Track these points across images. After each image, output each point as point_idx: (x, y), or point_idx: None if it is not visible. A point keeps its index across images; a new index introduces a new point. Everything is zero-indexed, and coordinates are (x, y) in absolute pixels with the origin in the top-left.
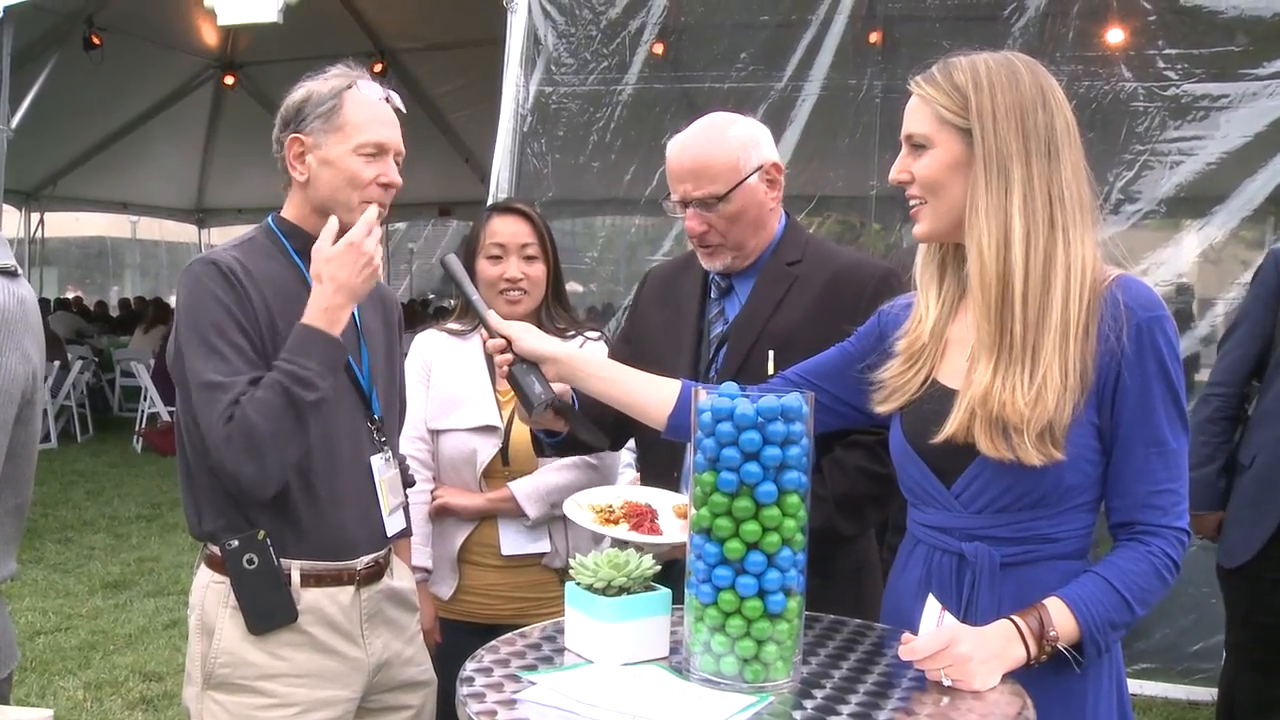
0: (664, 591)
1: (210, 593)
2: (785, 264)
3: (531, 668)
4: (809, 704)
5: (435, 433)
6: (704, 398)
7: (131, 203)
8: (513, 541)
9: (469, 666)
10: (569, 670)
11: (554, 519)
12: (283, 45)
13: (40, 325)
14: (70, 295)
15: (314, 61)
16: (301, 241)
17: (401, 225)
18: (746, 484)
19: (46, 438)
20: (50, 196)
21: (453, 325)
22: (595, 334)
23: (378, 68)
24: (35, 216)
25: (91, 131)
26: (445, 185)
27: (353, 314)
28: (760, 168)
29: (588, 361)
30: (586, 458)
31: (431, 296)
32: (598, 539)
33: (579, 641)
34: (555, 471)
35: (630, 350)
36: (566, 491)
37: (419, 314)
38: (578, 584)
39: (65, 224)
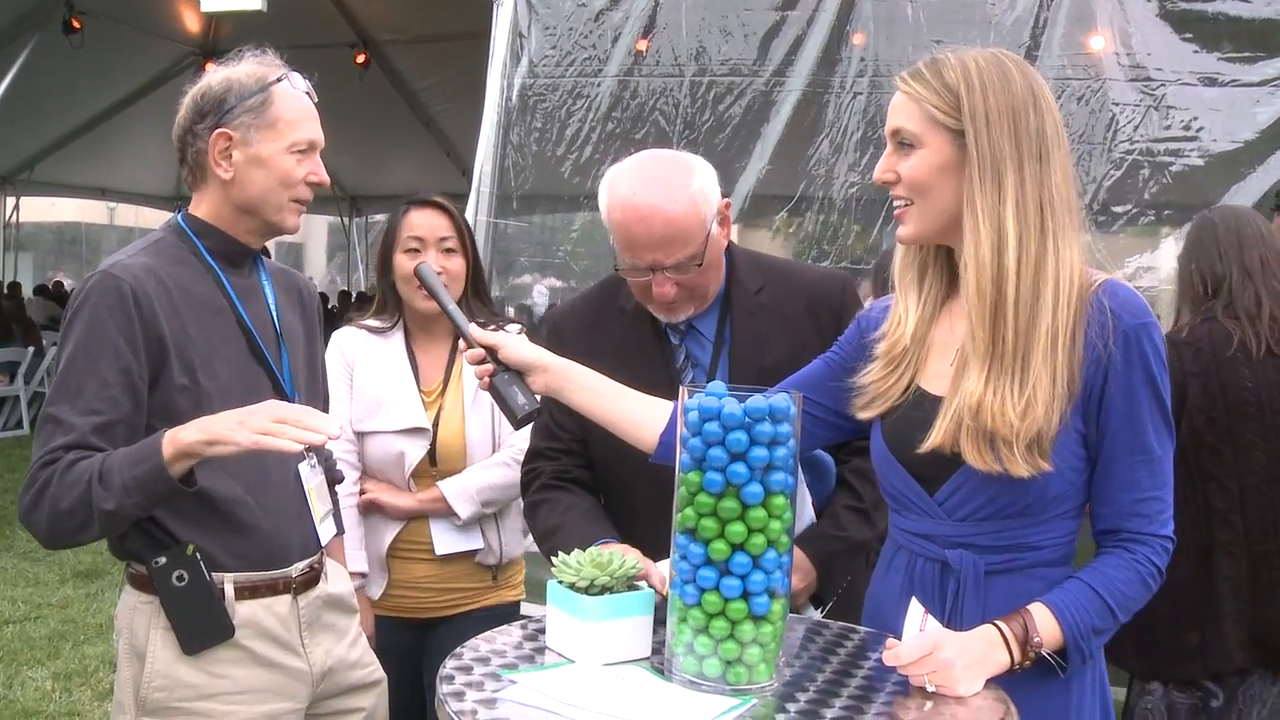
0: (647, 591)
1: (138, 614)
2: (752, 294)
3: (512, 666)
4: (792, 707)
5: (361, 434)
6: (691, 397)
7: (110, 188)
8: (446, 540)
9: (449, 664)
10: (550, 669)
11: (485, 517)
12: (265, 34)
13: None
14: (51, 281)
15: (297, 51)
16: (215, 240)
17: (380, 217)
18: (733, 484)
19: (19, 424)
20: (27, 181)
21: (372, 322)
22: (517, 327)
23: (360, 59)
24: (11, 201)
25: (70, 116)
26: (425, 178)
27: (271, 314)
28: (717, 213)
29: (578, 374)
30: (516, 455)
31: None
32: (528, 532)
33: (560, 641)
34: (485, 470)
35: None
36: (498, 490)
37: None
38: (560, 582)
39: (40, 209)
